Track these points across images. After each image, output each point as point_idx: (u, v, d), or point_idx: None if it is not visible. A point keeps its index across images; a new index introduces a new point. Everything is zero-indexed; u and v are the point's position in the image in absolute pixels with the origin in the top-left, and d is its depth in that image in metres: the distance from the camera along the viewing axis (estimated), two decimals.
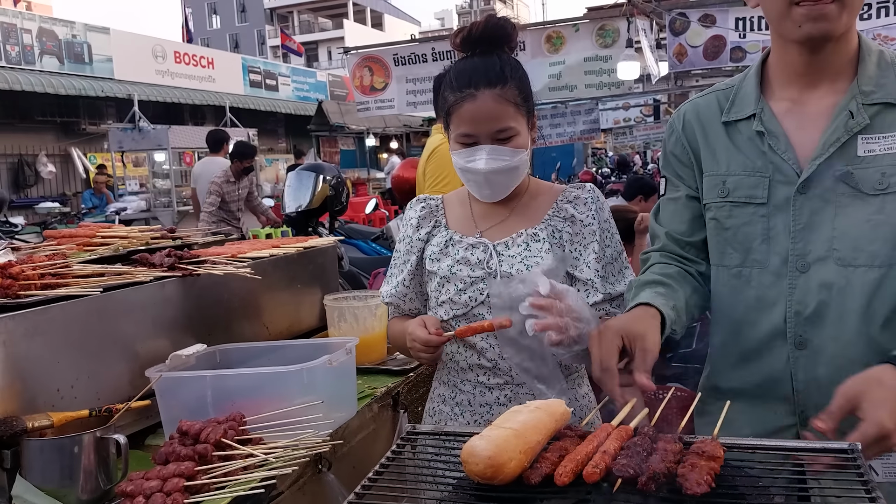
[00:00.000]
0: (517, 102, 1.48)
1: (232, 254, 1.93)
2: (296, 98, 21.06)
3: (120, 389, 1.56)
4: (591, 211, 1.55)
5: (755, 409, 1.35)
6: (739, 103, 1.38)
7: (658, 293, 1.33)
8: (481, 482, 0.99)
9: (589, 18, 6.51)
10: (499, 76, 1.46)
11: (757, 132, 1.33)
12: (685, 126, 1.45)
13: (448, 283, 1.55)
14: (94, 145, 15.88)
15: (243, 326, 1.97)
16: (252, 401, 1.48)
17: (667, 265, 1.45)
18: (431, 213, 1.66)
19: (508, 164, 1.48)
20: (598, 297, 1.51)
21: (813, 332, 1.27)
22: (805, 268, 1.28)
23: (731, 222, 1.35)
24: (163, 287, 1.70)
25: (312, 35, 46.81)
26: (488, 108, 1.44)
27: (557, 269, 1.45)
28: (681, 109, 1.50)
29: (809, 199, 1.27)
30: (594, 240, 1.53)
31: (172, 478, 1.26)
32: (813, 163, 1.26)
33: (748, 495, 0.95)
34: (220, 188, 6.70)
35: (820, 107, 1.29)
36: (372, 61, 7.39)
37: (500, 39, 1.52)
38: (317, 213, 4.07)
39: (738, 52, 5.58)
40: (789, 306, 1.29)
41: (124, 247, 1.97)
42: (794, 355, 1.29)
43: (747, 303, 1.34)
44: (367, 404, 1.79)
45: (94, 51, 14.88)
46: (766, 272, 1.31)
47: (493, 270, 1.52)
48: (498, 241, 1.55)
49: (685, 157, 1.45)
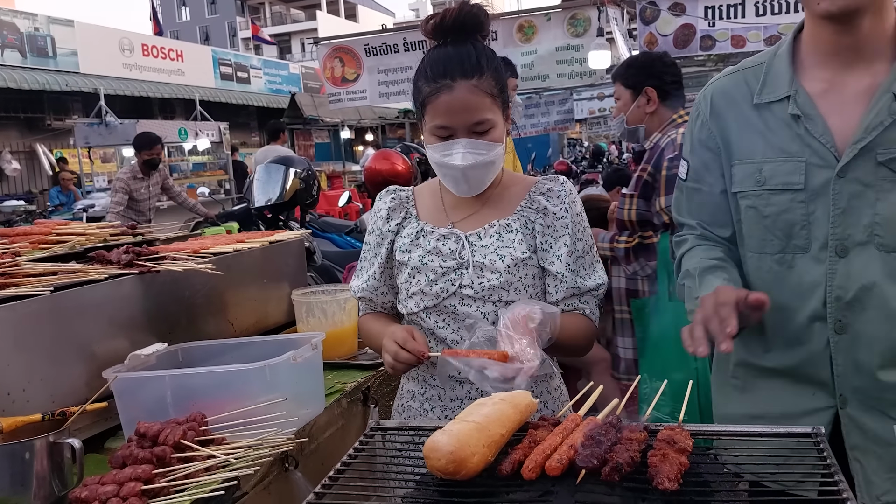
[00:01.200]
0: (493, 94, 1.44)
1: (193, 249, 1.88)
2: (268, 91, 20.80)
3: (76, 392, 1.52)
4: (564, 204, 1.52)
5: (792, 388, 1.35)
6: (772, 84, 1.32)
7: (726, 280, 1.32)
8: (444, 477, 0.97)
9: (560, 7, 6.49)
10: (475, 67, 1.42)
11: (792, 115, 1.29)
12: (713, 110, 1.40)
13: (419, 273, 1.53)
14: (60, 141, 15.53)
15: (207, 324, 1.92)
16: (214, 400, 1.44)
17: (712, 247, 1.44)
18: (402, 205, 1.62)
19: (486, 159, 1.45)
20: (567, 292, 1.50)
21: (853, 316, 1.26)
22: (844, 252, 1.26)
23: (770, 210, 1.32)
24: (120, 285, 1.65)
25: (285, 27, 46.28)
26: (465, 99, 1.40)
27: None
28: (706, 92, 1.44)
29: (849, 182, 1.24)
30: (566, 233, 1.51)
31: (129, 482, 1.23)
32: (854, 146, 1.23)
33: (713, 483, 0.94)
34: (126, 185, 6.12)
35: (859, 87, 1.25)
36: (343, 52, 7.30)
37: (472, 27, 1.48)
38: (287, 207, 4.01)
39: (707, 41, 5.60)
40: (829, 291, 1.27)
41: (81, 244, 1.91)
42: (833, 339, 1.28)
43: (789, 287, 1.32)
44: (336, 400, 1.76)
45: (58, 44, 14.52)
46: (807, 257, 1.30)
47: (465, 261, 1.50)
48: (470, 231, 1.52)
49: (712, 143, 1.40)
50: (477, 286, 1.48)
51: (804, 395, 1.33)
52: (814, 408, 1.32)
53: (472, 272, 1.49)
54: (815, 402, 1.32)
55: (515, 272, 1.48)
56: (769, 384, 1.37)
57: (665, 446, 0.97)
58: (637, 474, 0.94)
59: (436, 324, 1.52)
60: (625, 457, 0.92)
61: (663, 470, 0.91)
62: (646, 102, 2.64)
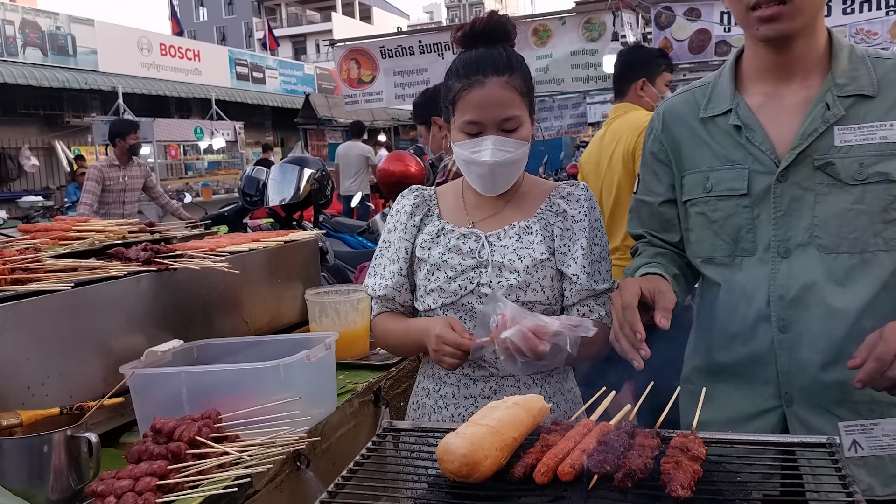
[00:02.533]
0: (523, 92, 1.48)
1: (210, 248, 1.90)
2: (283, 91, 20.92)
3: (94, 387, 1.53)
4: (584, 208, 1.55)
5: (741, 390, 1.40)
6: (716, 99, 1.42)
7: (657, 264, 1.42)
8: (457, 480, 0.98)
9: (575, 12, 6.49)
10: (506, 64, 1.47)
11: (734, 126, 1.38)
12: (664, 126, 1.50)
13: (438, 270, 1.54)
14: (78, 138, 15.70)
15: (222, 321, 1.94)
16: (228, 397, 1.45)
17: (654, 248, 1.53)
18: (424, 202, 1.64)
19: (513, 157, 1.47)
20: (583, 294, 1.52)
21: (795, 315, 1.31)
22: (786, 253, 1.32)
23: (717, 215, 1.39)
24: (138, 282, 1.67)
25: (300, 28, 46.51)
26: (497, 94, 1.44)
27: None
28: (659, 109, 1.54)
29: (789, 187, 1.32)
30: (583, 236, 1.53)
31: (144, 477, 1.24)
32: (791, 152, 1.31)
33: (726, 491, 0.94)
34: (100, 173, 5.68)
35: (795, 100, 1.34)
36: (359, 54, 7.33)
37: (500, 36, 1.53)
38: (301, 207, 4.03)
39: (723, 46, 5.58)
40: (772, 290, 1.33)
41: (100, 241, 1.93)
42: (777, 338, 1.33)
43: (736, 289, 1.38)
44: (348, 400, 1.77)
45: (79, 43, 14.69)
46: (753, 259, 1.36)
47: (484, 260, 1.51)
48: (490, 231, 1.54)
49: (663, 156, 1.50)
50: (495, 285, 1.49)
51: (754, 397, 1.38)
52: (763, 408, 1.37)
53: (491, 271, 1.50)
54: (763, 402, 1.37)
55: (534, 273, 1.50)
56: (721, 388, 1.41)
57: (678, 453, 0.97)
58: (650, 481, 0.94)
59: None
60: (637, 463, 0.92)
61: (676, 477, 0.91)
62: (438, 130, 2.81)
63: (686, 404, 1.47)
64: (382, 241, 1.67)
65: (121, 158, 5.95)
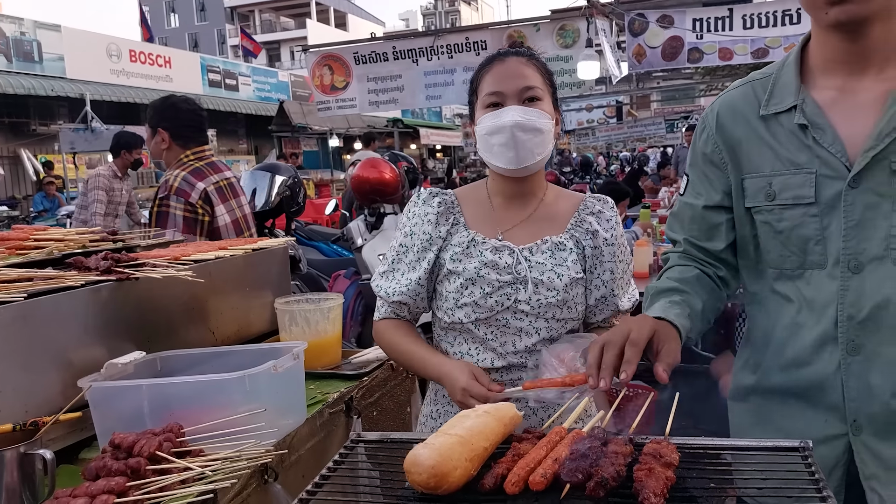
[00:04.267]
0: (544, 73, 1.54)
1: (174, 256, 1.85)
2: (257, 98, 20.78)
3: (51, 401, 1.47)
4: (613, 228, 1.58)
5: (802, 414, 1.28)
6: (778, 94, 1.27)
7: (673, 303, 1.27)
8: (425, 492, 0.95)
9: (550, 19, 6.52)
10: (527, 52, 1.55)
11: (799, 125, 1.23)
12: (719, 124, 1.34)
13: (474, 285, 1.51)
14: (45, 146, 15.42)
15: (188, 332, 1.88)
16: (192, 410, 1.40)
17: (686, 268, 1.40)
18: (449, 210, 1.59)
19: (534, 124, 1.46)
20: (608, 313, 1.58)
21: (866, 336, 1.19)
22: (858, 268, 1.19)
23: (783, 225, 1.26)
24: (98, 292, 1.61)
25: (274, 35, 46.27)
26: (516, 67, 1.49)
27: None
28: (714, 105, 1.38)
29: (862, 193, 1.17)
30: (612, 258, 1.56)
31: (101, 494, 1.19)
32: (866, 154, 1.16)
33: (700, 498, 0.92)
34: (108, 182, 5.67)
35: (870, 95, 1.19)
36: (332, 60, 7.29)
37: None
38: (273, 214, 3.98)
39: (695, 53, 5.65)
40: (841, 309, 1.20)
41: (59, 250, 1.87)
42: (845, 361, 1.21)
43: (802, 306, 1.26)
44: (318, 411, 1.73)
45: (45, 49, 14.45)
46: (822, 274, 1.23)
47: (521, 276, 1.50)
48: (522, 245, 1.53)
49: (717, 158, 1.35)
50: (534, 302, 1.50)
51: (817, 422, 1.25)
52: (826, 435, 1.24)
53: (531, 288, 1.49)
54: (828, 428, 1.24)
55: (571, 290, 1.52)
56: (781, 411, 1.31)
57: (651, 460, 0.95)
58: (622, 489, 0.92)
59: (485, 335, 1.52)
60: (610, 471, 0.90)
61: (649, 485, 0.89)
62: (161, 141, 2.89)
63: (739, 424, 1.40)
64: (399, 244, 1.61)
65: (121, 171, 5.92)
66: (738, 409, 1.43)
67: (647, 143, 13.68)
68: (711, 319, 1.36)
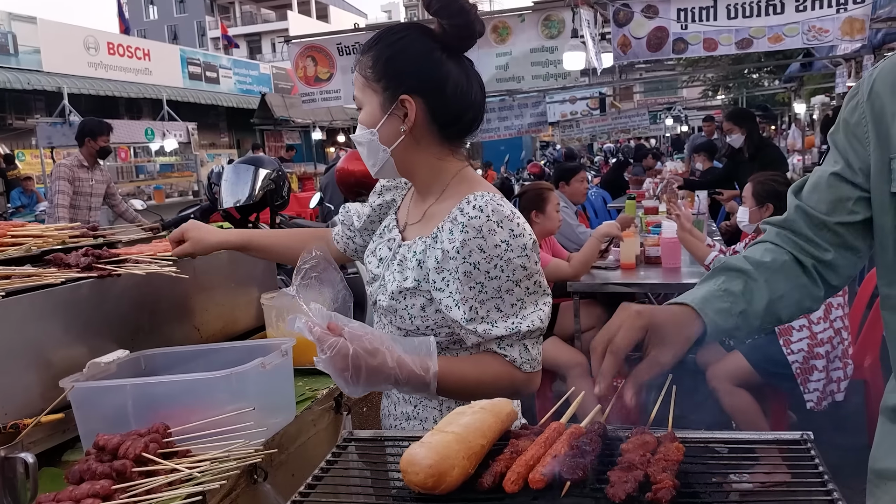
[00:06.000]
0: (365, 75, 1.36)
1: (157, 252, 1.80)
2: (238, 91, 20.56)
3: (31, 403, 1.43)
4: (463, 242, 1.27)
5: None
6: None
7: (726, 292, 1.10)
8: (422, 492, 0.92)
9: (532, 10, 6.49)
10: (364, 46, 1.38)
11: None
12: (873, 92, 1.12)
13: (366, 268, 1.52)
14: (22, 141, 15.17)
15: (172, 329, 1.84)
16: (178, 410, 1.37)
17: (775, 248, 1.19)
18: (397, 188, 1.59)
19: (358, 138, 1.41)
20: (474, 339, 1.29)
21: None
22: None
23: None
24: (78, 289, 1.57)
25: (255, 27, 45.81)
26: (355, 78, 1.41)
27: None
28: (874, 70, 1.15)
29: None
30: (456, 274, 1.27)
31: (86, 498, 1.15)
32: None
33: (702, 493, 0.90)
34: (71, 172, 5.33)
35: None
36: (315, 51, 7.20)
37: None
38: (257, 208, 3.91)
39: (680, 44, 5.64)
40: None
41: (38, 246, 1.81)
42: None
43: None
44: (308, 408, 1.70)
45: (20, 41, 14.18)
46: None
47: (380, 274, 1.44)
48: (405, 242, 1.42)
49: (860, 130, 1.13)
50: (379, 303, 1.42)
51: None
52: None
53: (376, 287, 1.44)
54: None
55: (400, 300, 1.35)
56: None
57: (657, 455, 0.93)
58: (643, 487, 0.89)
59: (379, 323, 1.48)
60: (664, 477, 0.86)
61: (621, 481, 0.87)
62: None
63: (883, 449, 1.19)
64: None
65: (88, 160, 5.61)
66: (886, 428, 1.20)
67: (630, 134, 13.70)
68: (786, 317, 1.17)
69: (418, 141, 1.36)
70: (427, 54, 1.33)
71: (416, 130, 1.35)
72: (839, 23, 5.10)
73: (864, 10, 5.12)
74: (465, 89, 1.35)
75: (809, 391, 3.15)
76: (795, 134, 13.02)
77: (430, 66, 1.33)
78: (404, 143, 1.36)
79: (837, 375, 3.17)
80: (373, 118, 1.36)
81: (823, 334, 3.15)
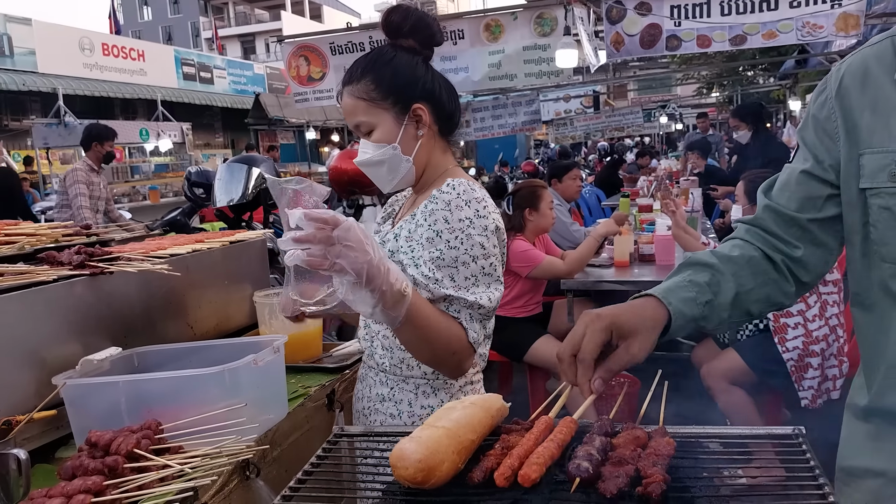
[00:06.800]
0: (370, 98, 1.45)
1: (150, 250, 1.80)
2: (232, 91, 20.53)
3: (25, 400, 1.43)
4: (433, 206, 1.39)
5: None
6: None
7: (690, 283, 1.10)
8: (412, 487, 0.92)
9: (525, 7, 6.49)
10: (351, 75, 1.47)
11: None
12: (841, 87, 1.10)
13: None
14: (18, 142, 15.12)
15: (165, 327, 1.84)
16: (170, 407, 1.37)
17: (743, 244, 1.19)
18: (397, 201, 1.70)
19: (370, 158, 1.47)
20: (425, 295, 1.34)
21: None
22: None
23: None
24: (71, 287, 1.57)
25: (249, 27, 45.72)
26: (346, 103, 1.48)
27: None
28: (842, 65, 1.13)
29: None
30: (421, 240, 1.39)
31: (78, 494, 1.15)
32: None
33: (693, 488, 0.91)
34: (87, 177, 5.50)
35: None
36: (308, 50, 7.20)
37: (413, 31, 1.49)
38: (251, 207, 3.91)
39: (673, 41, 5.65)
40: None
41: (31, 245, 1.81)
42: None
43: None
44: (300, 404, 1.70)
45: (16, 43, 14.15)
46: None
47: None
48: (393, 229, 1.54)
49: (830, 126, 1.12)
50: None
51: None
52: None
53: None
54: None
55: None
56: None
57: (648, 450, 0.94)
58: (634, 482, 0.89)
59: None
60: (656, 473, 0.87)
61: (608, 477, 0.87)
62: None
63: (851, 441, 1.18)
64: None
65: (96, 164, 5.74)
66: (853, 426, 1.19)
67: (624, 132, 13.71)
68: (756, 312, 1.17)
69: (427, 142, 1.49)
70: (416, 66, 1.48)
71: (427, 133, 1.49)
72: (834, 18, 5.10)
73: (859, 6, 5.11)
74: (449, 90, 1.52)
75: (804, 389, 3.15)
76: (791, 131, 13.05)
77: (423, 75, 1.48)
78: (418, 148, 1.48)
79: (833, 373, 3.17)
80: (390, 134, 1.45)
81: (819, 332, 3.15)
